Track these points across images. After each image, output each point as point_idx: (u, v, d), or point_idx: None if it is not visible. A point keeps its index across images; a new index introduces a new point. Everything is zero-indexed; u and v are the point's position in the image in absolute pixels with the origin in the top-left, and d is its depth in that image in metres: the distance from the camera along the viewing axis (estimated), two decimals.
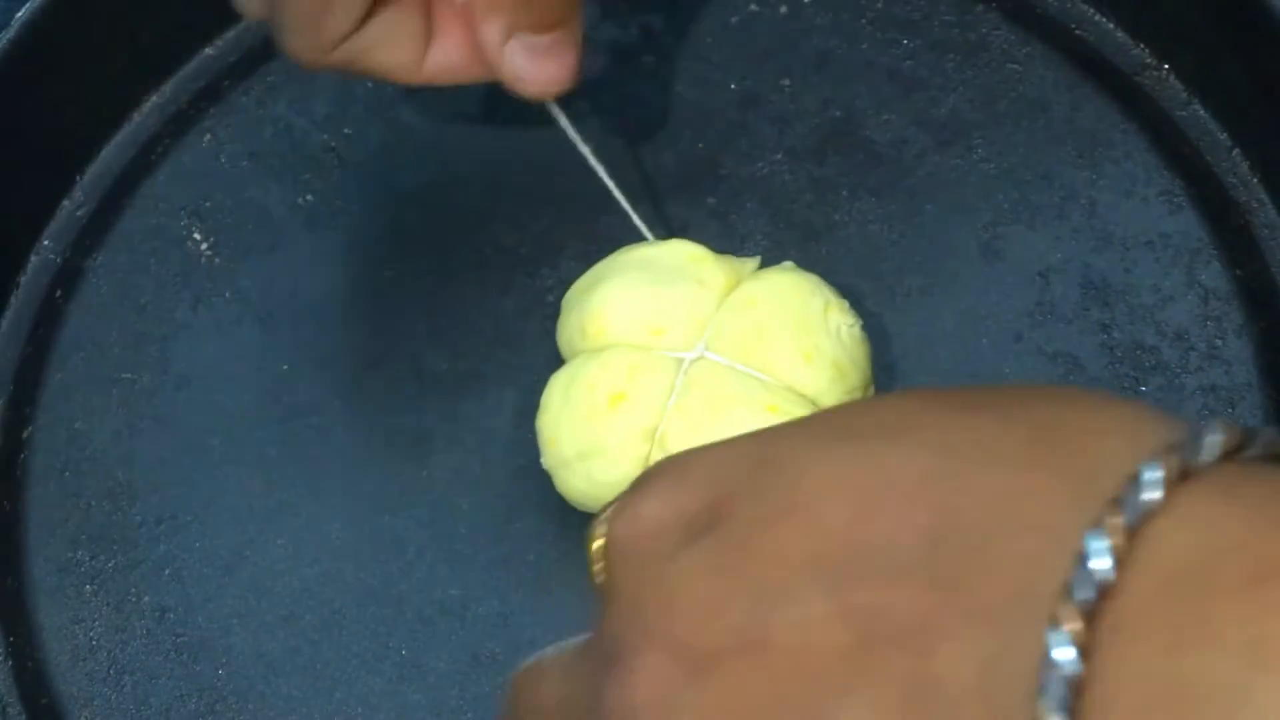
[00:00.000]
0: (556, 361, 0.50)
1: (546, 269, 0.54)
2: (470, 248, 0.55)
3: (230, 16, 0.57)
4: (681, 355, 0.48)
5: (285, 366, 0.53)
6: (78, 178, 0.56)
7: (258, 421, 0.53)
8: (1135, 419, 0.27)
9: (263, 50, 0.57)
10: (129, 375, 0.54)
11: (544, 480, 0.49)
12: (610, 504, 0.32)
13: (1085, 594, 0.24)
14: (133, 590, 0.51)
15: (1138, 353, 0.52)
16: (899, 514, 0.26)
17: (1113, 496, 0.25)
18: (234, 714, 0.50)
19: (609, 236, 0.52)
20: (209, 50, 0.58)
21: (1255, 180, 0.54)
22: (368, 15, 0.46)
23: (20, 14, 0.53)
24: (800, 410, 0.47)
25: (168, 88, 0.57)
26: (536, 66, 0.47)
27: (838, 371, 0.48)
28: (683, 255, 0.49)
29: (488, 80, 0.48)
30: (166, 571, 0.51)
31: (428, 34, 0.47)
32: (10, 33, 0.53)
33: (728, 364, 0.48)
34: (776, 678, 0.26)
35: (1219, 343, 0.52)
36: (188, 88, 0.57)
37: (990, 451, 0.27)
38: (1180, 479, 0.25)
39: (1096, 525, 0.25)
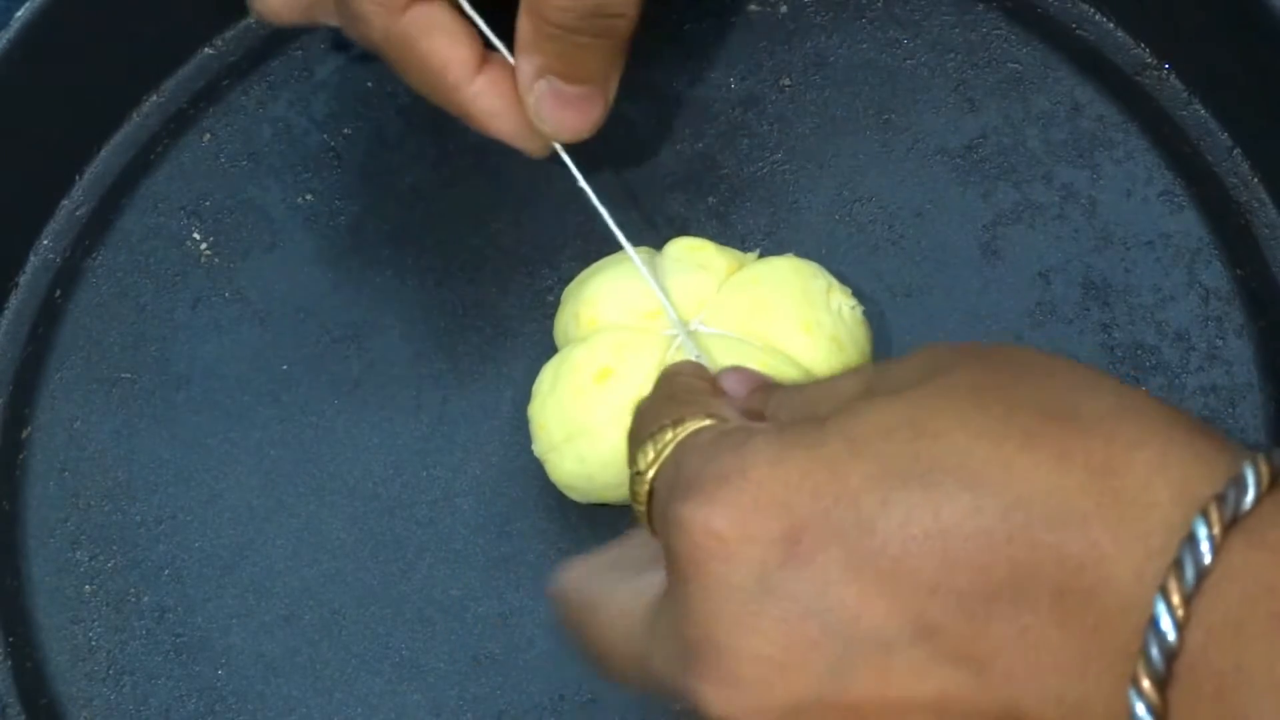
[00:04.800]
0: None
1: (546, 268, 0.54)
2: (469, 247, 0.55)
3: (230, 16, 0.57)
4: (674, 332, 0.48)
5: (285, 366, 0.53)
6: (78, 178, 0.56)
7: (258, 421, 0.53)
8: (1187, 459, 0.30)
9: (263, 50, 0.57)
10: (129, 375, 0.54)
11: (544, 480, 0.49)
12: (650, 455, 0.35)
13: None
14: (132, 590, 0.51)
15: (1138, 353, 0.52)
16: (976, 569, 0.30)
17: (1173, 558, 0.29)
18: (234, 714, 0.50)
19: (609, 236, 0.51)
20: (209, 50, 0.57)
21: (1256, 180, 0.54)
22: None
23: (20, 14, 0.53)
24: (794, 373, 0.47)
25: (168, 88, 0.57)
26: (556, 111, 0.48)
27: (836, 345, 0.48)
28: (683, 248, 0.49)
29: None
30: (166, 571, 0.51)
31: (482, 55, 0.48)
32: (10, 33, 0.53)
33: (721, 334, 0.47)
34: None
35: (1219, 343, 0.52)
36: (188, 88, 0.57)
37: (1054, 507, 0.30)
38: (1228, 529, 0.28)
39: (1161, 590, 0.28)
